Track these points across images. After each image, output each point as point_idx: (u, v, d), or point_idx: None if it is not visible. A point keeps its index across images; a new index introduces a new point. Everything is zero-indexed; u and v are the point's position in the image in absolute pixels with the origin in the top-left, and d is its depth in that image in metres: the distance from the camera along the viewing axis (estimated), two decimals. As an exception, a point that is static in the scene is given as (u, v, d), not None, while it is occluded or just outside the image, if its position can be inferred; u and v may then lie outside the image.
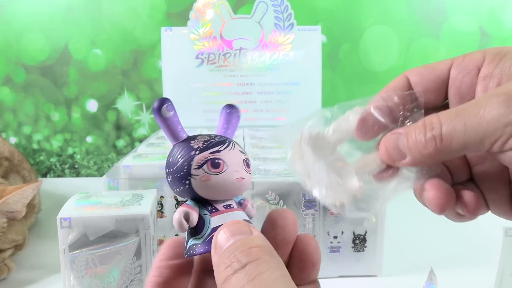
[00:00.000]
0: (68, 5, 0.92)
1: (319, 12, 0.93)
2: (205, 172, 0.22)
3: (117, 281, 0.39)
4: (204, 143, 0.23)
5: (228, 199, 0.23)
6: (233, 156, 0.23)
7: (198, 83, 0.83)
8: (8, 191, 0.51)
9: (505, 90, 0.21)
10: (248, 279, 0.19)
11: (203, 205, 0.23)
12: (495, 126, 0.20)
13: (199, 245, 0.22)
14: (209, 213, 0.22)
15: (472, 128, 0.21)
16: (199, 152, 0.23)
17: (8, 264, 0.54)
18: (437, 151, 0.22)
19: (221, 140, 0.24)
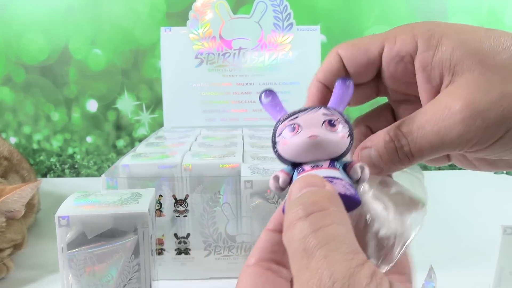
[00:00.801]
0: (68, 5, 0.93)
1: (318, 12, 0.93)
2: (283, 137, 0.24)
3: (115, 280, 0.39)
4: (288, 115, 0.25)
5: (318, 159, 0.24)
6: (311, 118, 0.24)
7: (198, 83, 0.83)
8: (7, 191, 0.51)
9: (460, 106, 0.23)
10: (312, 229, 0.19)
11: (295, 168, 0.25)
12: (457, 143, 0.23)
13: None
14: (298, 173, 0.24)
15: (436, 145, 0.23)
16: (281, 122, 0.25)
17: (7, 264, 0.54)
18: (411, 163, 0.25)
19: (306, 108, 0.25)
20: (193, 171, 0.51)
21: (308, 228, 0.19)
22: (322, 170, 0.24)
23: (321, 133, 0.24)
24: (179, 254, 0.52)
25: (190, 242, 0.52)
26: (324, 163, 0.24)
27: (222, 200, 0.51)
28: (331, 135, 0.24)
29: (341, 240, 0.19)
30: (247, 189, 0.49)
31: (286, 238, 0.20)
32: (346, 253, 0.18)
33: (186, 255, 0.52)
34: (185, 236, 0.52)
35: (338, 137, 0.24)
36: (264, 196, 0.49)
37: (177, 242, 0.52)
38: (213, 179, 0.51)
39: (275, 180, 0.25)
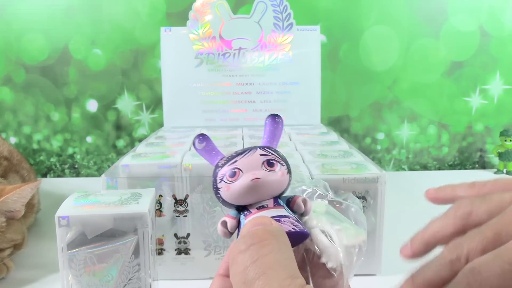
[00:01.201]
0: (68, 5, 0.93)
1: (318, 12, 0.93)
2: (226, 183, 0.25)
3: (115, 280, 0.39)
4: (226, 160, 0.25)
5: (262, 200, 0.25)
6: (250, 160, 0.25)
7: (197, 83, 0.83)
8: (7, 191, 0.51)
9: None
10: (251, 261, 0.20)
11: (241, 212, 0.25)
12: None
13: None
14: (244, 216, 0.25)
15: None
16: (220, 168, 0.25)
17: (7, 264, 0.54)
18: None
19: (243, 151, 0.25)
20: (193, 171, 0.51)
21: (248, 259, 0.20)
22: (268, 210, 0.24)
23: (262, 174, 0.24)
24: (179, 254, 0.52)
25: (190, 242, 0.52)
26: (268, 202, 0.25)
27: (222, 200, 0.51)
28: (272, 175, 0.25)
29: (278, 267, 0.19)
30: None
31: (231, 274, 0.21)
32: (283, 279, 0.19)
33: (186, 255, 0.52)
34: (185, 236, 0.52)
35: (278, 176, 0.25)
36: (264, 196, 0.49)
37: (177, 242, 0.52)
38: (213, 179, 0.50)
39: (223, 225, 0.25)
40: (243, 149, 0.26)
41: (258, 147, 0.26)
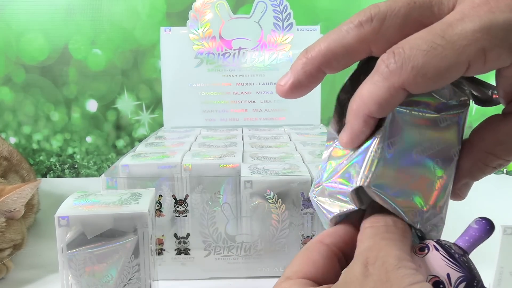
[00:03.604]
0: (68, 5, 0.93)
1: (318, 12, 0.93)
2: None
3: (115, 280, 0.39)
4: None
5: None
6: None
7: (197, 83, 0.83)
8: (7, 191, 0.51)
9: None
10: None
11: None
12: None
13: None
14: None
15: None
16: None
17: (7, 264, 0.54)
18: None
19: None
20: (193, 171, 0.51)
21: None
22: None
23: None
24: (179, 254, 0.52)
25: (190, 242, 0.52)
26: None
27: (222, 200, 0.51)
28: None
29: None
30: (247, 189, 0.49)
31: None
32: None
33: (186, 255, 0.52)
34: (185, 236, 0.52)
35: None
36: (264, 196, 0.49)
37: (177, 242, 0.52)
38: (213, 179, 0.50)
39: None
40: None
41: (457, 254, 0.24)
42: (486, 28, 0.18)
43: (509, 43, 0.19)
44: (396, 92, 0.20)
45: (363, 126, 0.21)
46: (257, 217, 0.50)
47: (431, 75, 0.19)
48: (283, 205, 0.49)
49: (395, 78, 0.19)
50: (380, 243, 0.21)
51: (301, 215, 0.50)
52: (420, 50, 0.19)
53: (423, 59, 0.19)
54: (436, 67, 0.19)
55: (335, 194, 0.24)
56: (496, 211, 0.73)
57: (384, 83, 0.20)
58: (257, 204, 0.49)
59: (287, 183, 0.49)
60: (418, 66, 0.19)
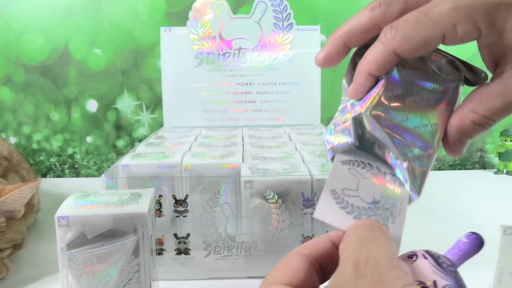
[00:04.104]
0: (68, 5, 0.93)
1: (318, 12, 0.93)
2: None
3: (115, 280, 0.39)
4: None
5: None
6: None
7: (197, 83, 0.83)
8: (7, 190, 0.51)
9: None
10: (363, 235, 0.24)
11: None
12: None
13: None
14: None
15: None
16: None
17: (7, 264, 0.54)
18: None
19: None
20: (193, 171, 0.51)
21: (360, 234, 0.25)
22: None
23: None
24: (179, 254, 0.52)
25: (190, 242, 0.52)
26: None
27: (222, 200, 0.51)
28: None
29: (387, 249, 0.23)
30: (247, 189, 0.49)
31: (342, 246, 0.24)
32: (394, 253, 0.23)
33: (186, 255, 0.52)
34: (185, 236, 0.52)
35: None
36: (264, 196, 0.49)
37: (177, 242, 0.52)
38: (213, 179, 0.50)
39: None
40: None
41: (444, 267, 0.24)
42: (456, 7, 0.24)
43: (473, 19, 0.24)
44: (390, 55, 0.26)
45: (364, 81, 0.27)
46: (257, 217, 0.50)
47: (415, 42, 0.25)
48: (283, 205, 0.49)
49: (389, 44, 0.26)
50: (368, 246, 0.22)
51: (301, 215, 0.50)
52: (408, 24, 0.25)
53: (410, 30, 0.25)
54: (418, 36, 0.25)
55: (339, 129, 0.28)
56: (496, 211, 0.74)
57: (381, 47, 0.26)
58: (257, 204, 0.49)
59: (287, 183, 0.49)
60: (406, 35, 0.25)
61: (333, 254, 0.25)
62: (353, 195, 0.27)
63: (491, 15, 0.24)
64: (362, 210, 0.26)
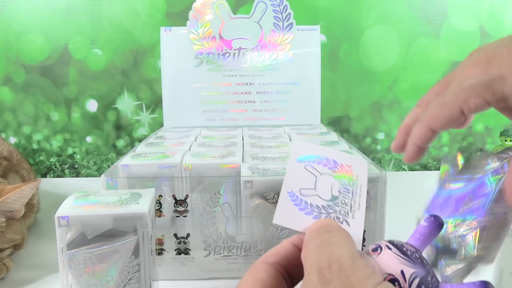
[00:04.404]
0: (68, 5, 0.93)
1: (318, 12, 0.93)
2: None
3: (115, 280, 0.39)
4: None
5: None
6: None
7: (197, 83, 0.83)
8: (7, 190, 0.51)
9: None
10: (324, 236, 0.24)
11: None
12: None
13: None
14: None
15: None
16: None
17: (7, 264, 0.54)
18: None
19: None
20: (193, 171, 0.51)
21: (322, 235, 0.25)
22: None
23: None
24: (179, 254, 0.52)
25: (190, 242, 0.52)
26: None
27: (222, 200, 0.51)
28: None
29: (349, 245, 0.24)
30: (247, 189, 0.49)
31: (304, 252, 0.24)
32: (355, 252, 0.23)
33: (186, 255, 0.52)
34: (185, 236, 0.52)
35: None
36: (264, 196, 0.49)
37: (177, 242, 0.52)
38: (213, 179, 0.50)
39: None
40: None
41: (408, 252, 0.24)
42: (462, 88, 0.30)
43: (479, 94, 0.29)
44: (426, 130, 0.32)
45: (411, 150, 0.34)
46: (257, 217, 0.50)
47: (441, 118, 0.31)
48: (283, 205, 0.49)
49: (425, 122, 0.32)
50: (328, 249, 0.22)
51: (301, 215, 0.50)
52: (435, 106, 0.31)
53: (436, 110, 0.31)
54: (442, 114, 0.31)
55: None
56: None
57: (421, 124, 0.32)
58: (257, 204, 0.49)
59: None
60: (434, 114, 0.31)
61: (298, 258, 0.25)
62: (311, 194, 0.27)
63: (490, 88, 0.29)
64: (321, 209, 0.26)
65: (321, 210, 0.26)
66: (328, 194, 0.27)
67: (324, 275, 0.21)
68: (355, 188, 0.28)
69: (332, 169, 0.28)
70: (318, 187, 0.27)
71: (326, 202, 0.27)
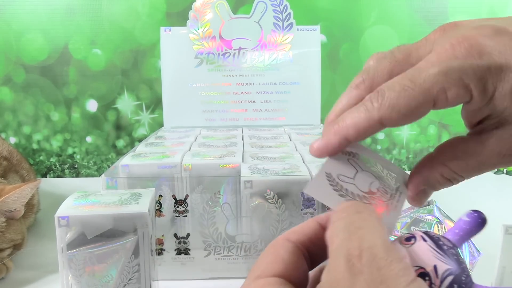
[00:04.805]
0: (68, 5, 0.93)
1: (318, 11, 0.93)
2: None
3: (115, 280, 0.39)
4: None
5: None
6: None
7: (197, 83, 0.83)
8: (7, 190, 0.51)
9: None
10: (353, 219, 0.21)
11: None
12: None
13: None
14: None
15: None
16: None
17: (7, 264, 0.54)
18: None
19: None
20: (193, 171, 0.51)
21: (350, 218, 0.22)
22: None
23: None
24: (179, 254, 0.52)
25: (190, 242, 0.52)
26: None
27: (222, 200, 0.50)
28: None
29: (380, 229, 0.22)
30: (247, 189, 0.49)
31: (330, 231, 0.22)
32: (387, 237, 0.21)
33: (186, 255, 0.52)
34: (185, 236, 0.52)
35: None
36: (264, 196, 0.49)
37: (176, 242, 0.52)
38: (213, 179, 0.50)
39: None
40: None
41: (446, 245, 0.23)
42: (444, 71, 0.23)
43: (464, 83, 0.23)
44: (374, 123, 0.24)
45: (337, 144, 0.25)
46: (257, 217, 0.50)
47: (404, 111, 0.23)
48: (283, 205, 0.49)
49: (375, 112, 0.23)
50: (358, 233, 0.20)
51: (301, 215, 0.50)
52: (395, 91, 0.23)
53: (397, 99, 0.23)
54: (407, 105, 0.23)
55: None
56: (497, 211, 0.73)
57: (366, 114, 0.24)
58: (257, 204, 0.49)
59: (287, 183, 0.49)
60: (393, 104, 0.23)
61: (322, 238, 0.22)
62: (349, 182, 0.25)
63: (482, 80, 0.23)
64: (356, 197, 0.24)
65: (355, 197, 0.24)
66: (366, 188, 0.25)
67: (353, 264, 0.19)
68: (394, 193, 0.26)
69: (374, 172, 0.27)
70: (357, 180, 0.25)
71: (363, 193, 0.24)
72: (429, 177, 0.26)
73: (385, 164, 0.28)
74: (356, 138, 0.24)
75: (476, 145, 0.25)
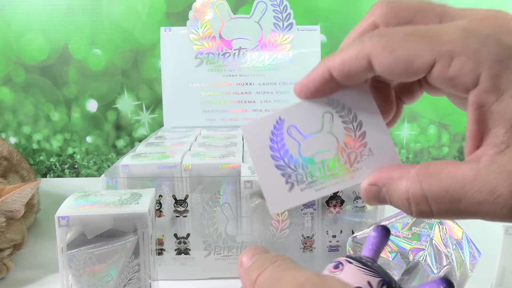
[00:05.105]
0: (68, 5, 0.93)
1: (318, 11, 0.93)
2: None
3: (115, 280, 0.39)
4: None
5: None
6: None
7: (197, 83, 0.83)
8: (7, 190, 0.51)
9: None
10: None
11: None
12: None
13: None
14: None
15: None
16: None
17: (7, 264, 0.54)
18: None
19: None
20: (193, 171, 0.51)
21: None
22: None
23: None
24: (179, 254, 0.52)
25: (190, 242, 0.52)
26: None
27: (222, 200, 0.51)
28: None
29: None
30: (247, 189, 0.49)
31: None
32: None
33: (186, 255, 0.52)
34: (185, 236, 0.52)
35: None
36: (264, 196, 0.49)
37: (177, 242, 0.52)
38: (213, 179, 0.50)
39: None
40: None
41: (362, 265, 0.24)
42: (466, 33, 0.19)
43: (479, 58, 0.19)
44: (362, 59, 0.21)
45: (318, 77, 0.23)
46: (257, 217, 0.50)
47: (398, 54, 0.20)
48: (283, 205, 0.49)
49: (366, 47, 0.21)
50: (285, 275, 0.20)
51: (301, 215, 0.50)
52: (397, 35, 0.20)
53: (396, 40, 0.20)
54: (404, 49, 0.20)
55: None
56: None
57: (356, 48, 0.21)
58: (257, 204, 0.49)
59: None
60: (389, 44, 0.20)
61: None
62: (296, 140, 0.25)
63: (502, 64, 0.19)
64: (290, 164, 0.25)
65: (288, 166, 0.25)
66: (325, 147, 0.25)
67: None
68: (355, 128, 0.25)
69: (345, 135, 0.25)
70: (312, 140, 0.25)
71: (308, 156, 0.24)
72: (392, 187, 0.23)
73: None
74: (341, 71, 0.22)
75: (471, 171, 0.21)
